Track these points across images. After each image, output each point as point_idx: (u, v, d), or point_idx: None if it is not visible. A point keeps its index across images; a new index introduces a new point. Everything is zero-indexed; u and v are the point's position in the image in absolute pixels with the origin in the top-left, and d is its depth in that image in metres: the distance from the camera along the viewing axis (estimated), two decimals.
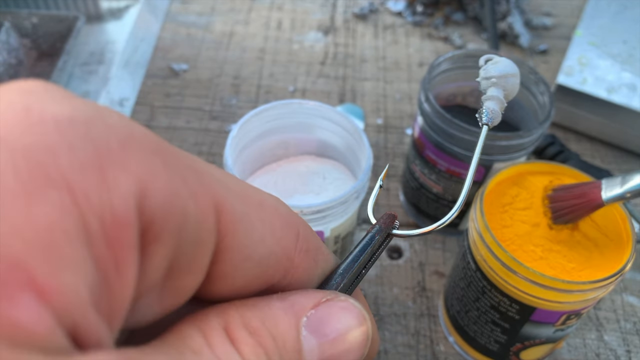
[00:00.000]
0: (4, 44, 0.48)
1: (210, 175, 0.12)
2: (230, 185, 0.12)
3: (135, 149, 0.10)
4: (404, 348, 0.36)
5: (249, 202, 0.12)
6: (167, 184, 0.11)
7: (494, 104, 0.25)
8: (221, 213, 0.12)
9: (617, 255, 0.30)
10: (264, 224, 0.13)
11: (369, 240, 0.17)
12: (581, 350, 0.37)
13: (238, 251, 0.12)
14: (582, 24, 0.53)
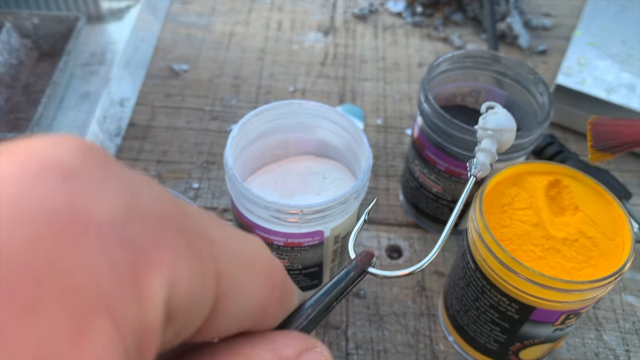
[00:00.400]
0: (4, 44, 0.48)
1: (219, 242, 0.12)
2: (230, 247, 0.13)
3: (166, 242, 0.11)
4: (403, 347, 0.37)
5: (241, 264, 0.13)
6: (190, 277, 0.11)
7: (485, 157, 0.26)
8: (220, 280, 0.12)
9: (616, 255, 0.30)
10: (250, 285, 0.13)
11: (343, 275, 0.18)
12: (580, 350, 0.37)
13: (224, 311, 0.13)
14: (581, 25, 0.54)
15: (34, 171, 0.09)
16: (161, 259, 0.10)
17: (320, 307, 0.16)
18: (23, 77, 0.49)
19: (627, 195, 0.44)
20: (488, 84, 0.41)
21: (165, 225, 0.11)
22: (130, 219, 0.10)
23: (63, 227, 0.09)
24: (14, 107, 0.47)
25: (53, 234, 0.09)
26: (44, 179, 0.09)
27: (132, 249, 0.10)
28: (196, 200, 0.44)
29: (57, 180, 0.09)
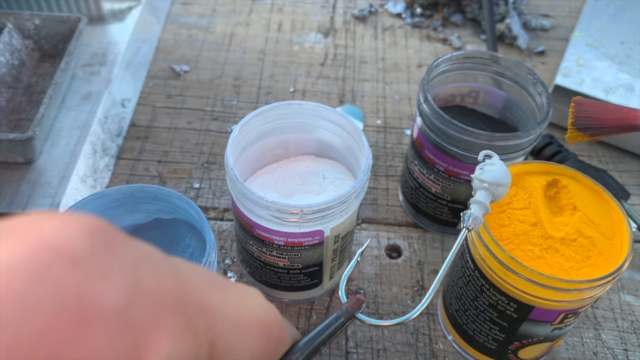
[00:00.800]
0: (6, 45, 0.48)
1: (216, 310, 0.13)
2: (226, 313, 0.13)
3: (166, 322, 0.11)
4: (402, 346, 0.37)
5: (237, 326, 0.13)
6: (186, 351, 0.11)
7: (478, 210, 0.27)
8: (214, 345, 0.13)
9: (614, 255, 0.30)
10: (245, 344, 0.14)
11: (333, 319, 0.18)
12: (579, 349, 0.37)
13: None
14: (579, 26, 0.54)
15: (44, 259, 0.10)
16: (161, 340, 0.11)
17: (308, 352, 0.17)
18: (25, 78, 0.49)
19: (626, 195, 0.44)
20: (487, 84, 0.41)
21: (166, 305, 0.11)
22: (132, 303, 0.10)
23: (70, 317, 0.09)
24: (16, 107, 0.47)
25: (60, 325, 0.09)
26: (52, 267, 0.10)
27: (134, 332, 0.10)
28: (197, 200, 0.44)
29: (65, 268, 0.10)
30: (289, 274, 0.35)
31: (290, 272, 0.35)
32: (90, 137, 0.46)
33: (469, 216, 0.27)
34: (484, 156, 0.29)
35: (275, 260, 0.34)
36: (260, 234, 0.33)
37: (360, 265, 0.41)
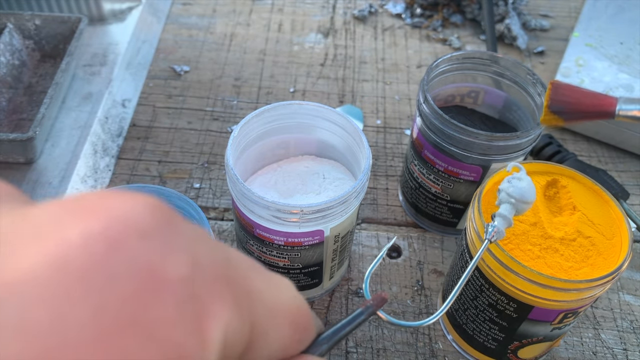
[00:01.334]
0: (7, 45, 0.48)
1: (256, 294, 0.14)
2: (264, 299, 0.14)
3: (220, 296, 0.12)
4: (402, 346, 0.37)
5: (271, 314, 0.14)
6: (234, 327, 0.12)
7: (502, 223, 0.27)
8: (253, 329, 0.13)
9: (613, 255, 0.30)
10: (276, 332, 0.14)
11: (358, 314, 0.20)
12: (578, 349, 0.37)
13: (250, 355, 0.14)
14: (579, 26, 0.54)
15: (117, 233, 0.11)
16: (217, 312, 0.12)
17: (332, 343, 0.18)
18: (25, 78, 0.49)
19: (625, 195, 0.44)
20: (487, 84, 0.41)
21: (219, 281, 0.12)
22: (193, 276, 0.11)
23: (144, 286, 0.10)
24: (17, 107, 0.47)
25: (137, 293, 0.10)
26: (126, 240, 0.11)
27: (196, 302, 0.11)
28: (197, 200, 0.45)
29: (136, 241, 0.11)
30: (289, 274, 0.35)
31: (290, 272, 0.35)
32: (91, 137, 0.46)
33: (492, 229, 0.27)
34: (511, 168, 0.29)
35: (276, 260, 0.34)
36: (261, 234, 0.33)
37: (360, 265, 0.41)
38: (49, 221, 0.10)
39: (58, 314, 0.09)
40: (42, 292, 0.09)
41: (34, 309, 0.09)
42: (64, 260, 0.10)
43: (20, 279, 0.09)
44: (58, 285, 0.09)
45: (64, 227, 0.10)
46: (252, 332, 0.13)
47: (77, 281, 0.10)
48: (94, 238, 0.10)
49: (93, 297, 0.10)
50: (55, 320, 0.09)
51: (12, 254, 0.10)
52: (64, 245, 0.10)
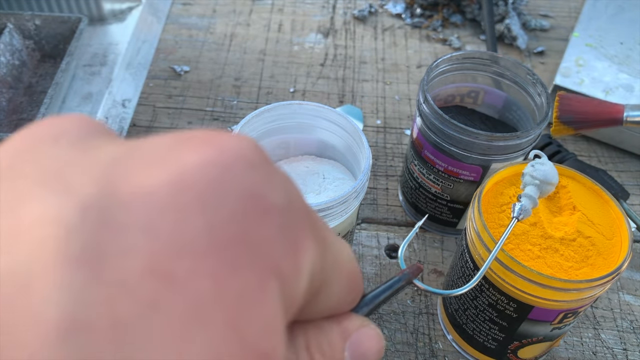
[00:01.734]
0: (7, 45, 0.48)
1: (329, 242, 0.14)
2: (333, 250, 0.15)
3: (310, 231, 0.13)
4: (402, 346, 0.37)
5: (336, 267, 0.15)
6: (318, 264, 0.13)
7: (529, 203, 0.29)
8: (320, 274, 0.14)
9: (613, 255, 0.30)
10: (337, 286, 0.15)
11: (395, 281, 0.21)
12: (578, 349, 0.37)
13: (312, 304, 0.15)
14: (579, 26, 0.54)
15: (229, 161, 0.12)
16: (308, 244, 0.13)
17: (371, 307, 0.19)
18: (25, 78, 0.49)
19: (625, 195, 0.44)
20: (487, 84, 0.41)
21: (307, 219, 0.13)
22: (289, 208, 0.12)
23: (252, 208, 0.11)
24: (17, 107, 0.47)
25: (245, 212, 0.11)
26: (236, 167, 0.12)
27: (293, 231, 0.12)
28: None
29: (245, 169, 0.12)
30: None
31: None
32: None
33: (519, 207, 0.29)
34: (534, 156, 0.30)
35: None
36: None
37: (360, 265, 0.41)
38: (165, 149, 0.12)
39: (178, 223, 0.10)
40: (163, 202, 0.10)
41: (157, 215, 0.10)
42: (182, 180, 0.11)
43: (144, 190, 0.11)
44: (178, 200, 0.11)
45: (180, 154, 0.11)
46: (321, 278, 0.14)
47: (195, 198, 0.11)
48: (208, 164, 0.11)
49: (209, 213, 0.11)
50: (176, 227, 0.10)
51: (133, 173, 0.11)
52: (182, 168, 0.11)
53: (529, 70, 0.38)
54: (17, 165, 0.11)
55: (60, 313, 0.09)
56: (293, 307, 0.13)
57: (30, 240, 0.10)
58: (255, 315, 0.11)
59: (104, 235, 0.10)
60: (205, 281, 0.10)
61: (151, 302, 0.10)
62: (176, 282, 0.10)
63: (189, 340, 0.10)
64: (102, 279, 0.09)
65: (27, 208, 0.10)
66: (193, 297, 0.10)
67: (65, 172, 0.11)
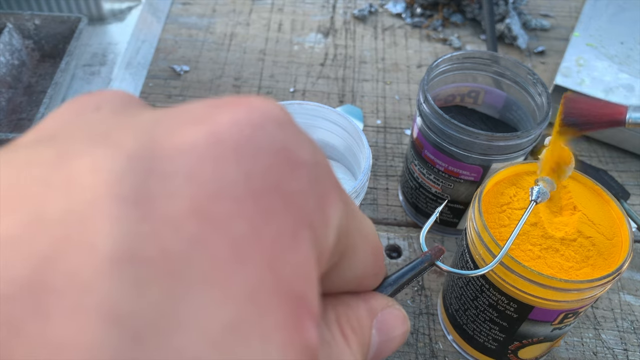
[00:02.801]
0: (6, 45, 0.48)
1: (352, 208, 0.15)
2: (356, 217, 0.15)
3: (336, 187, 0.14)
4: (402, 346, 0.37)
5: (361, 234, 0.15)
6: (345, 223, 0.14)
7: (547, 186, 0.30)
8: (346, 238, 0.15)
9: (614, 255, 0.30)
10: (362, 254, 0.16)
11: (418, 263, 0.21)
12: (579, 349, 0.37)
13: (339, 269, 0.15)
14: (579, 26, 0.54)
15: (260, 119, 0.12)
16: (335, 199, 0.13)
17: (395, 287, 0.19)
18: (25, 78, 0.49)
19: (626, 195, 0.44)
20: (487, 84, 0.41)
21: (332, 177, 0.14)
22: (317, 164, 0.13)
23: (283, 161, 0.12)
24: (16, 107, 0.47)
25: (277, 164, 0.12)
26: (267, 125, 0.12)
27: (321, 185, 0.13)
28: None
29: (275, 126, 0.12)
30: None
31: None
32: None
33: (538, 191, 0.29)
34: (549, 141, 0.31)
35: None
36: None
37: None
38: (199, 111, 0.12)
39: (217, 171, 0.11)
40: (202, 154, 0.11)
41: (197, 164, 0.11)
42: (218, 136, 0.12)
43: (184, 143, 0.11)
44: (216, 151, 0.11)
45: (214, 115, 0.12)
46: (346, 242, 0.15)
47: (231, 151, 0.11)
48: (241, 122, 0.12)
49: (244, 164, 0.11)
50: (215, 176, 0.11)
51: (173, 131, 0.12)
52: (217, 126, 0.12)
53: (529, 70, 0.38)
54: (65, 130, 0.12)
55: (114, 243, 0.10)
56: (323, 261, 0.13)
57: (83, 185, 0.10)
58: (290, 259, 0.11)
59: (150, 180, 0.11)
60: (243, 223, 0.11)
61: (196, 238, 0.10)
62: (217, 222, 0.11)
63: (230, 275, 0.10)
64: (151, 216, 0.10)
65: (78, 161, 0.11)
66: (232, 236, 0.11)
67: (110, 132, 0.12)
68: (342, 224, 0.14)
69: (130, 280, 0.10)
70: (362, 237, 0.16)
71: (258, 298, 0.11)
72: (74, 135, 0.12)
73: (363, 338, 0.16)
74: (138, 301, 0.09)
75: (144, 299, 0.10)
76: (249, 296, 0.11)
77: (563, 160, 0.29)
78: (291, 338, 0.11)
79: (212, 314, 0.10)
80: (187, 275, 0.10)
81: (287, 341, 0.11)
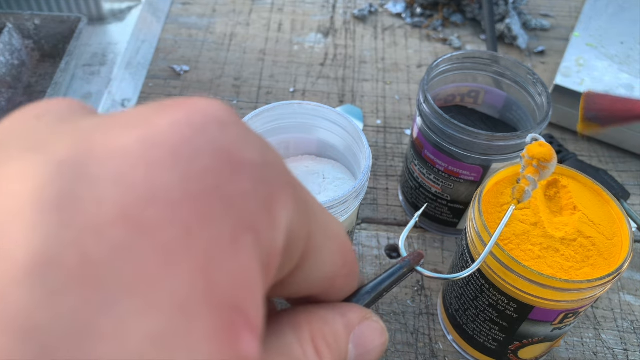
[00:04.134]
0: (6, 45, 0.48)
1: (313, 207, 0.14)
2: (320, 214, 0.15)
3: (287, 188, 0.13)
4: (403, 346, 0.37)
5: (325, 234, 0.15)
6: (297, 220, 0.13)
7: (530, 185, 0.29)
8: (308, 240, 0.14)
9: (614, 255, 0.30)
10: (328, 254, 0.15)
11: (396, 269, 0.20)
12: (579, 349, 0.37)
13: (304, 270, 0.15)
14: (579, 26, 0.54)
15: (200, 121, 0.12)
16: (284, 200, 0.13)
17: (374, 295, 0.19)
18: (25, 78, 0.49)
19: (626, 195, 0.44)
20: (487, 84, 0.41)
21: (284, 176, 0.13)
22: (265, 164, 0.13)
23: (224, 163, 0.12)
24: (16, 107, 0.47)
25: (218, 167, 0.12)
26: (208, 126, 0.12)
27: (267, 186, 0.12)
28: None
29: (216, 127, 0.12)
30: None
31: None
32: None
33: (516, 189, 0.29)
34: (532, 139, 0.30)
35: None
36: None
37: (360, 265, 0.41)
38: (140, 115, 0.12)
39: (150, 176, 0.11)
40: (135, 157, 0.11)
41: (129, 168, 0.11)
42: (154, 139, 0.11)
43: (117, 147, 0.11)
44: (150, 154, 0.11)
45: (153, 118, 0.12)
46: (308, 243, 0.14)
47: (167, 154, 0.11)
48: (180, 124, 0.12)
49: (181, 166, 0.11)
50: (148, 180, 0.11)
51: (108, 135, 0.11)
52: (154, 128, 0.11)
53: (529, 70, 0.38)
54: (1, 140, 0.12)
55: (30, 251, 0.09)
56: (272, 265, 0.12)
57: (8, 192, 0.10)
58: (227, 266, 0.11)
59: (77, 185, 0.10)
60: (175, 228, 0.10)
61: (121, 245, 0.10)
62: (145, 227, 0.10)
63: (156, 283, 0.10)
64: (74, 222, 0.10)
65: (6, 168, 0.10)
66: (162, 242, 0.10)
67: (46, 139, 0.11)
68: (294, 225, 0.13)
69: (44, 289, 0.09)
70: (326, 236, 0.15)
71: (187, 308, 0.10)
72: (9, 144, 0.11)
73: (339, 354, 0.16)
74: (51, 311, 0.09)
75: (57, 308, 0.09)
76: (177, 306, 0.10)
77: (543, 157, 0.28)
78: (222, 351, 0.11)
79: (134, 325, 0.10)
80: (108, 284, 0.10)
81: (218, 354, 0.10)
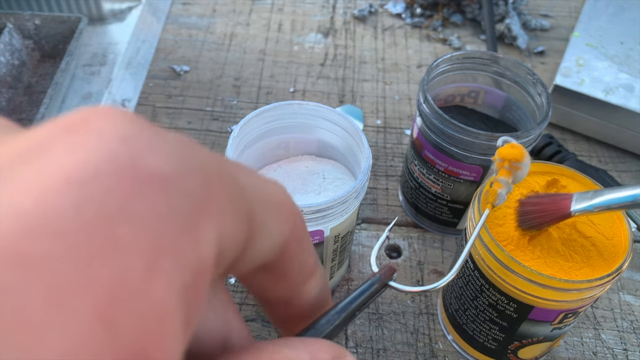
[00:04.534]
0: (6, 45, 0.48)
1: (250, 188, 0.13)
2: (259, 191, 0.14)
3: (213, 194, 0.12)
4: (402, 346, 0.37)
5: (267, 206, 0.14)
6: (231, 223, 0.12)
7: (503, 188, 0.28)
8: (251, 222, 0.13)
9: (614, 255, 0.30)
10: (274, 223, 0.14)
11: (367, 287, 0.19)
12: (579, 349, 0.37)
13: (252, 247, 0.14)
14: (579, 26, 0.54)
15: (95, 139, 0.11)
16: (212, 209, 0.12)
17: (344, 315, 0.17)
18: (25, 78, 0.49)
19: None
20: (487, 84, 0.41)
21: (210, 179, 0.12)
22: (183, 173, 0.11)
23: (130, 180, 0.10)
24: (16, 107, 0.47)
25: (122, 185, 0.10)
26: (105, 144, 0.11)
27: (188, 198, 0.11)
28: None
29: (115, 144, 0.11)
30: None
31: None
32: None
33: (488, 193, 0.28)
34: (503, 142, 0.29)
35: None
36: None
37: (360, 265, 0.41)
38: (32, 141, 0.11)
39: (39, 203, 0.09)
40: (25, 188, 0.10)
41: (16, 196, 0.09)
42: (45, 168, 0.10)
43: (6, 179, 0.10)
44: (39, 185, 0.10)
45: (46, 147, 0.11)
46: (250, 227, 0.13)
47: (60, 180, 0.10)
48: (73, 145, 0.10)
49: (73, 191, 0.10)
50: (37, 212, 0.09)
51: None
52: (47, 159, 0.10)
53: (529, 70, 0.38)
54: None
55: None
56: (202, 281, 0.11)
57: None
58: (135, 305, 0.09)
59: None
60: (69, 264, 0.09)
61: (3, 286, 0.09)
62: (30, 266, 0.09)
63: (40, 334, 0.09)
64: None
65: None
66: (50, 283, 0.09)
67: None
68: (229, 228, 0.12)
69: None
70: (269, 208, 0.14)
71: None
72: None
73: None
74: None
75: None
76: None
77: (514, 158, 0.28)
78: None
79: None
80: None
81: None
